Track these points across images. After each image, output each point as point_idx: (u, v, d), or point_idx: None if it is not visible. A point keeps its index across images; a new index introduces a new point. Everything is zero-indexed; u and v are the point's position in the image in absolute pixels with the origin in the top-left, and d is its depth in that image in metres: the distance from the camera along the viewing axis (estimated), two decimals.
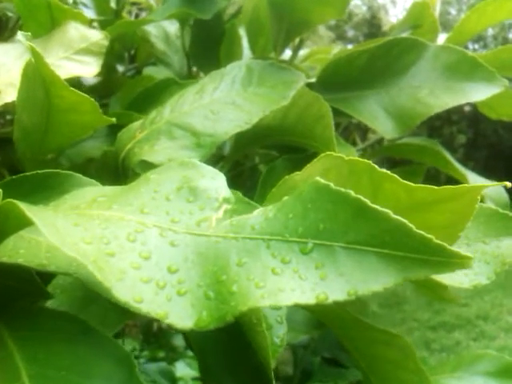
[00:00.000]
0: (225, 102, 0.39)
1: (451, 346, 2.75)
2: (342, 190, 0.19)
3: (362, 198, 0.19)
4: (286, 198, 0.21)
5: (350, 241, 0.19)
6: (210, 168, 0.25)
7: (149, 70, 0.73)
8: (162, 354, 1.29)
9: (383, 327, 0.35)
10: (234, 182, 0.59)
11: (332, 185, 0.19)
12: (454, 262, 0.18)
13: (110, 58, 0.69)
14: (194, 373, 1.29)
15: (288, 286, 0.18)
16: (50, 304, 0.33)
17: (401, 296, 3.22)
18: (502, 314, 3.03)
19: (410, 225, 0.18)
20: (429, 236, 0.18)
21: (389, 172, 0.26)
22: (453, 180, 0.61)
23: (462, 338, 2.82)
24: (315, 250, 0.19)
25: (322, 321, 0.48)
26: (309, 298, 0.18)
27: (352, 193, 0.19)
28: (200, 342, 0.36)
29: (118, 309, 0.35)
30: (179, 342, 1.26)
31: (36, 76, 0.32)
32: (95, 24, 0.67)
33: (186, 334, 0.36)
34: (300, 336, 0.56)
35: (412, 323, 3.00)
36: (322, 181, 0.20)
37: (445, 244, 0.18)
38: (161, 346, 1.28)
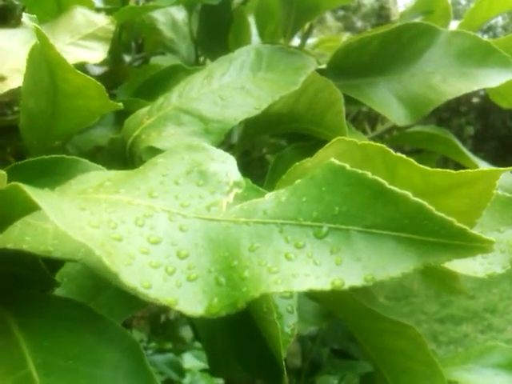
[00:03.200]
0: (233, 88, 0.38)
1: (459, 338, 2.74)
2: (359, 171, 0.18)
3: (380, 179, 0.18)
4: (298, 181, 0.20)
5: (366, 224, 0.18)
6: (220, 151, 0.24)
7: (156, 60, 0.73)
8: (169, 346, 1.29)
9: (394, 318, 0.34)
10: (242, 172, 0.58)
11: (348, 166, 0.19)
12: (476, 246, 0.17)
13: (118, 47, 0.69)
14: (202, 364, 1.29)
15: (302, 271, 0.17)
16: (58, 293, 0.32)
17: (408, 288, 3.21)
18: (510, 306, 3.02)
19: (430, 207, 0.17)
20: (450, 219, 0.17)
21: (404, 156, 0.25)
22: (461, 169, 0.59)
23: (470, 331, 2.81)
24: (330, 235, 0.18)
25: (331, 311, 0.47)
26: (324, 284, 0.17)
27: (369, 174, 0.18)
28: (208, 332, 0.35)
29: (127, 298, 0.35)
30: (187, 333, 1.26)
31: (42, 60, 0.32)
32: (103, 13, 0.66)
33: (194, 324, 0.36)
34: (309, 327, 0.56)
35: (420, 316, 2.99)
36: (337, 162, 0.19)
37: (466, 227, 0.17)
38: (168, 337, 1.28)
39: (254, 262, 0.18)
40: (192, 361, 1.33)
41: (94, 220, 0.19)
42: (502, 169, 0.26)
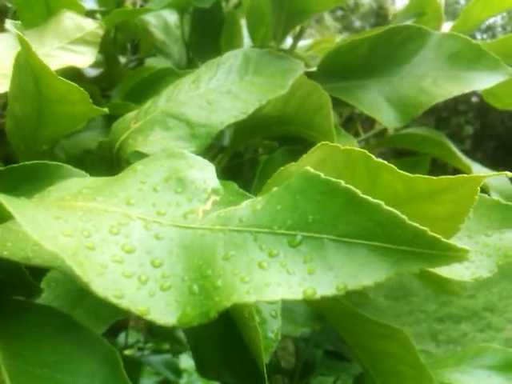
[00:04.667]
0: (220, 92, 0.38)
1: (458, 337, 2.74)
2: (332, 180, 0.18)
3: (353, 188, 0.18)
4: (275, 189, 0.20)
5: (339, 233, 0.18)
6: (199, 158, 0.24)
7: (151, 61, 0.73)
8: (166, 346, 1.29)
9: (383, 321, 0.34)
10: (233, 174, 0.58)
11: (322, 175, 0.19)
12: (450, 255, 0.17)
13: (113, 49, 0.69)
14: None
15: (274, 280, 0.17)
16: (44, 298, 0.32)
17: (408, 287, 3.21)
18: (509, 305, 3.02)
19: (403, 216, 0.17)
20: (423, 228, 0.17)
21: (385, 162, 0.25)
22: (461, 170, 0.59)
23: (469, 330, 2.81)
24: (304, 243, 0.18)
25: (321, 314, 0.47)
26: (296, 293, 0.17)
27: (342, 183, 0.18)
28: (194, 336, 0.35)
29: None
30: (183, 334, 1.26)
31: (27, 66, 0.32)
32: (98, 15, 0.66)
33: (182, 328, 0.36)
34: (302, 329, 0.56)
35: (419, 315, 2.99)
36: (312, 171, 0.19)
37: (439, 236, 0.17)
38: (165, 338, 1.28)
39: (228, 270, 0.18)
40: (189, 361, 1.33)
41: (67, 229, 0.18)
42: (483, 174, 0.26)
